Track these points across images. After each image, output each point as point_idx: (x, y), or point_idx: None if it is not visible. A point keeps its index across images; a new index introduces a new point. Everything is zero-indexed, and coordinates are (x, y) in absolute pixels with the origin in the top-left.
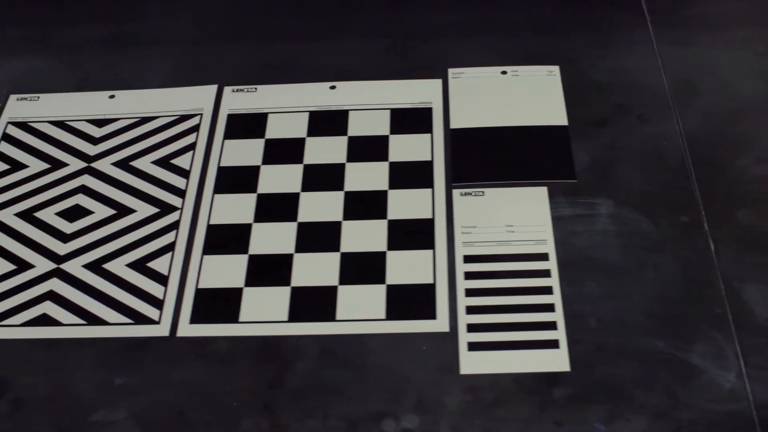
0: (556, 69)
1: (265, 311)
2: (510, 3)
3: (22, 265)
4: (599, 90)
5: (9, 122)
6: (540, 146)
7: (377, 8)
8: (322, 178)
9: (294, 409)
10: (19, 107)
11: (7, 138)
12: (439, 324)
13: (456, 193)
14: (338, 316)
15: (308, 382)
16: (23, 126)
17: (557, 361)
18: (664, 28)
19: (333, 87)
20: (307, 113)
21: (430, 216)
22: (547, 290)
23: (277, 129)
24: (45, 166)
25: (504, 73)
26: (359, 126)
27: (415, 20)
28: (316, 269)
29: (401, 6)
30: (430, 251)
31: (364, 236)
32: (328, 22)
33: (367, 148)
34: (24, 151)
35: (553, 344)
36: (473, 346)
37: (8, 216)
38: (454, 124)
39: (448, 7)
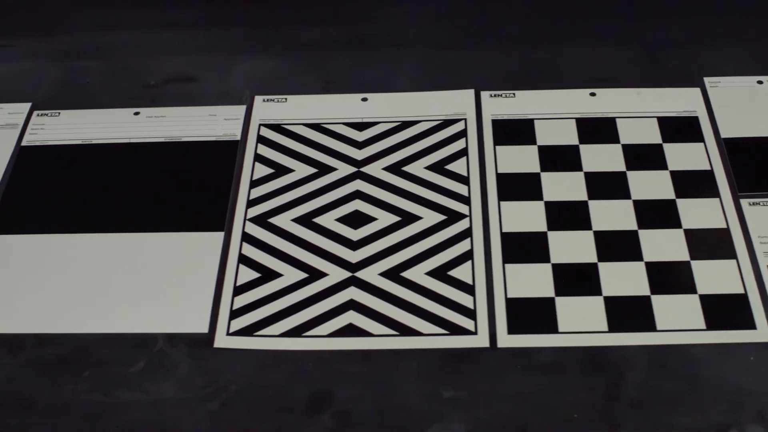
0: None
1: (583, 321)
2: (753, 11)
3: (314, 273)
4: None
5: (261, 124)
6: None
7: (626, 15)
8: (606, 186)
9: (637, 421)
10: (267, 109)
11: (263, 140)
12: (761, 334)
13: (744, 202)
14: (658, 326)
15: (644, 393)
16: (277, 128)
17: None
18: None
19: (593, 94)
20: (573, 120)
21: (724, 225)
22: None
23: (546, 135)
24: (312, 170)
25: (760, 83)
26: (629, 134)
27: (665, 28)
28: (623, 278)
29: (650, 14)
30: (733, 261)
31: (663, 245)
32: (574, 28)
33: (643, 157)
34: (284, 154)
35: None
36: None
37: (286, 221)
38: (725, 134)
39: (696, 15)
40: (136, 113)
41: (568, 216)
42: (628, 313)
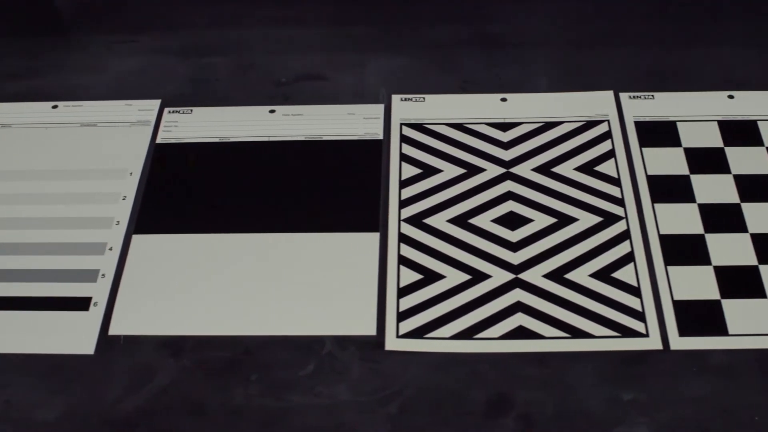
0: None
1: (752, 323)
2: None
3: (478, 275)
4: None
5: (402, 123)
6: None
7: (756, 16)
8: (757, 188)
9: None
10: (406, 108)
11: (406, 140)
12: None
13: None
14: None
15: None
16: (418, 127)
17: None
18: None
19: (731, 96)
20: (715, 122)
21: None
22: None
23: (690, 138)
24: (461, 170)
25: None
26: None
27: None
28: None
29: None
30: None
31: None
32: (703, 29)
33: None
34: (430, 154)
35: None
36: None
37: (441, 222)
38: None
39: None
40: (272, 111)
41: (722, 218)
42: None
